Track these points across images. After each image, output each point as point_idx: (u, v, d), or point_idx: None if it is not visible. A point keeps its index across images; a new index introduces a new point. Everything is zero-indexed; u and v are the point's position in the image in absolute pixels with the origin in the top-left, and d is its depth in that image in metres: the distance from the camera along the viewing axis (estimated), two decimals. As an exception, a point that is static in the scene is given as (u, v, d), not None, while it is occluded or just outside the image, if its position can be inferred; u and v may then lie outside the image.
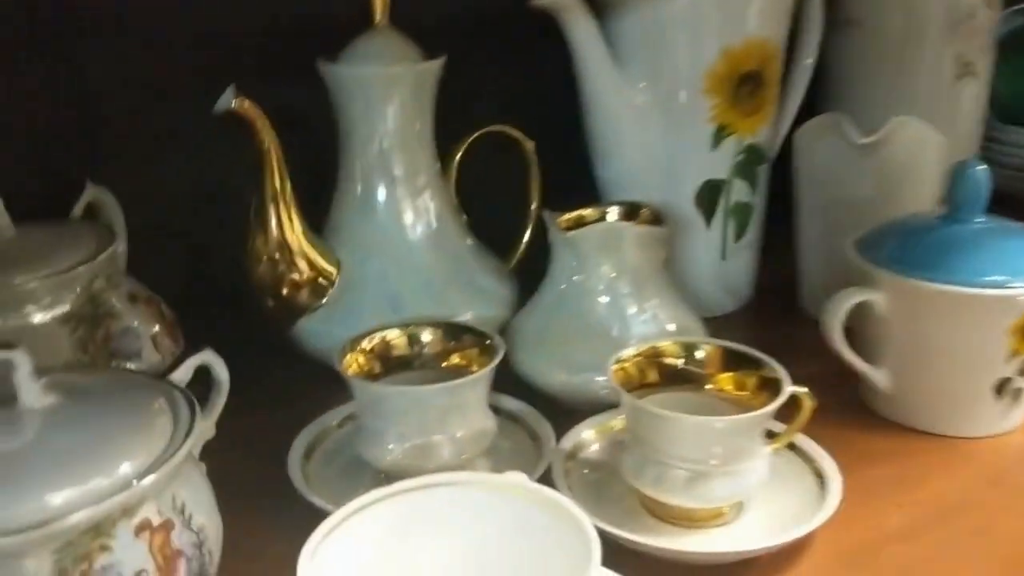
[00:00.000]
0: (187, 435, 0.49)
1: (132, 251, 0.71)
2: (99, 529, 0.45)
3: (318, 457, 0.65)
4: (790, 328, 0.81)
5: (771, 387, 0.57)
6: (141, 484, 0.46)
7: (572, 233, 0.67)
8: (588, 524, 0.43)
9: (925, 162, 0.76)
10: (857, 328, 0.69)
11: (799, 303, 0.85)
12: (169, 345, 0.65)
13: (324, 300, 0.71)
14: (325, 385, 0.66)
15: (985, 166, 0.66)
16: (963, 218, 0.67)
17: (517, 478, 0.48)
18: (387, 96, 0.69)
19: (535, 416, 0.67)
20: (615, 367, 0.59)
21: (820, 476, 0.60)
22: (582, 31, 0.75)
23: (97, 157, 0.75)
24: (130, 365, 0.62)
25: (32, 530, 0.42)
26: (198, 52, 0.76)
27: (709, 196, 0.80)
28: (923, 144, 0.76)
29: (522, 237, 0.80)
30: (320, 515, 0.46)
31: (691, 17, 0.74)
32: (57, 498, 0.43)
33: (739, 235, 0.83)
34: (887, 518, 0.59)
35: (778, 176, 0.84)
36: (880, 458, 0.65)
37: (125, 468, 0.46)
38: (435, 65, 0.71)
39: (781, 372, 0.58)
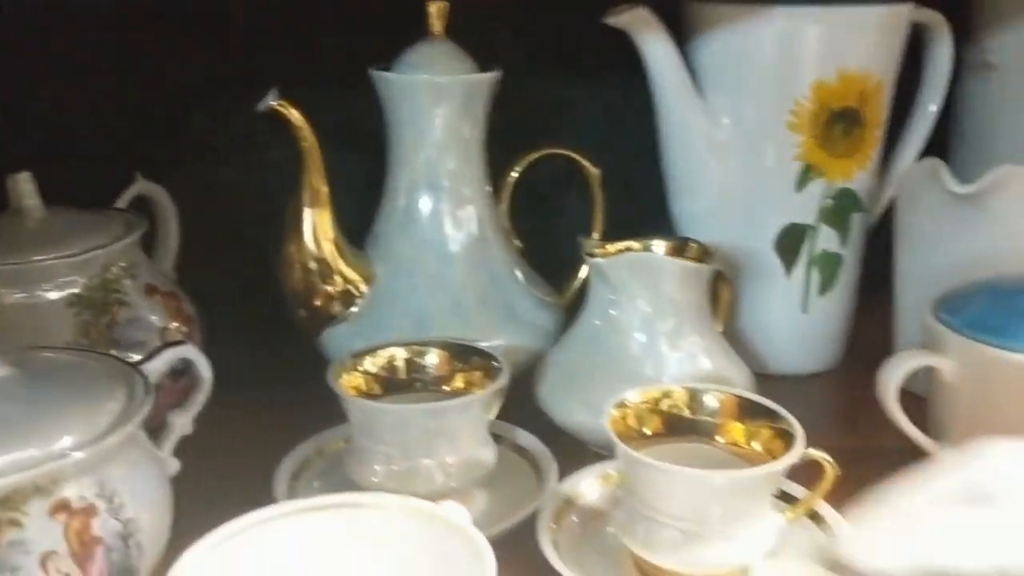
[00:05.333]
0: (127, 421, 0.48)
1: (188, 251, 0.72)
2: (9, 502, 0.43)
3: (311, 474, 0.63)
4: (875, 395, 0.72)
5: (787, 443, 0.51)
6: (57, 463, 0.44)
7: (601, 260, 0.61)
8: (488, 555, 0.38)
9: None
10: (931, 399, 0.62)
11: (892, 370, 0.76)
12: (183, 341, 0.64)
13: (352, 312, 0.68)
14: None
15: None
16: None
17: (443, 508, 0.43)
18: (434, 105, 0.66)
19: (544, 454, 0.62)
20: (614, 413, 0.54)
21: (842, 556, 0.52)
22: (660, 54, 0.70)
23: (154, 155, 0.75)
24: (133, 356, 0.61)
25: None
26: (257, 52, 0.76)
27: (791, 241, 0.74)
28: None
29: (579, 270, 0.76)
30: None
31: (780, 46, 0.69)
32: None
33: (824, 288, 0.75)
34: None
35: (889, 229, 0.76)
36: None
37: (57, 446, 0.45)
38: (486, 78, 0.67)
39: (796, 427, 0.51)
